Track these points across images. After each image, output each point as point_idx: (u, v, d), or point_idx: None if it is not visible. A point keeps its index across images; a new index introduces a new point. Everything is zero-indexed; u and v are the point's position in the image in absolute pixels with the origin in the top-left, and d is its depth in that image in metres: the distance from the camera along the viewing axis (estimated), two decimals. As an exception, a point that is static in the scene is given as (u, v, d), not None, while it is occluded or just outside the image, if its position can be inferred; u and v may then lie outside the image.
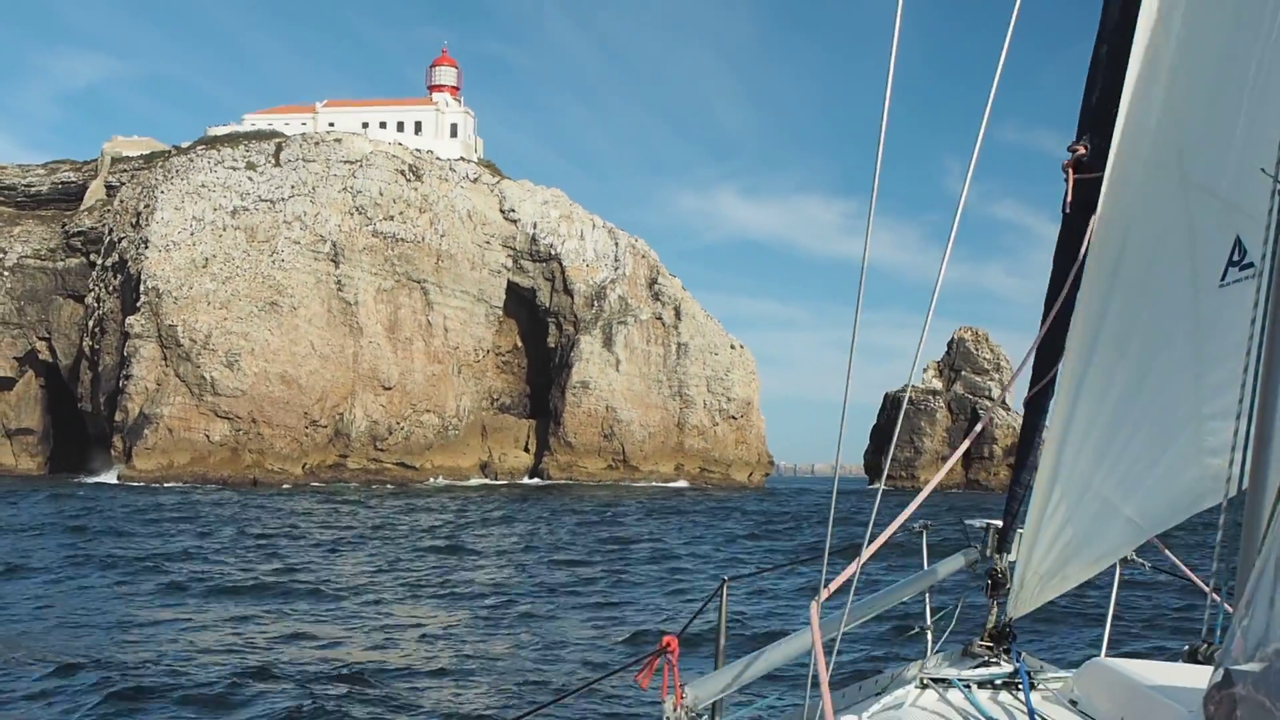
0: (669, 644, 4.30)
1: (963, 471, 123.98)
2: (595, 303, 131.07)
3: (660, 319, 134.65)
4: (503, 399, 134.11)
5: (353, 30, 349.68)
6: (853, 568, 4.47)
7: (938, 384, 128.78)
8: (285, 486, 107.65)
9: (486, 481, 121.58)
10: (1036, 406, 5.78)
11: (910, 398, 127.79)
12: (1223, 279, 4.68)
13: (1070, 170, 5.55)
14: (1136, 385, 5.16)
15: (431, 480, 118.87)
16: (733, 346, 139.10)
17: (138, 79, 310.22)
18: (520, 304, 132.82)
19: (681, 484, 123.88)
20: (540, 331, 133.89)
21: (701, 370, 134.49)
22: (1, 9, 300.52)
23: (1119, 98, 4.97)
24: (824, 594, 4.37)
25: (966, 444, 7.62)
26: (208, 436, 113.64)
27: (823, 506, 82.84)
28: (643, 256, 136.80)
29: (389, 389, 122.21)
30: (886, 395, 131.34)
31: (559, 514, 57.50)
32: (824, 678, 3.87)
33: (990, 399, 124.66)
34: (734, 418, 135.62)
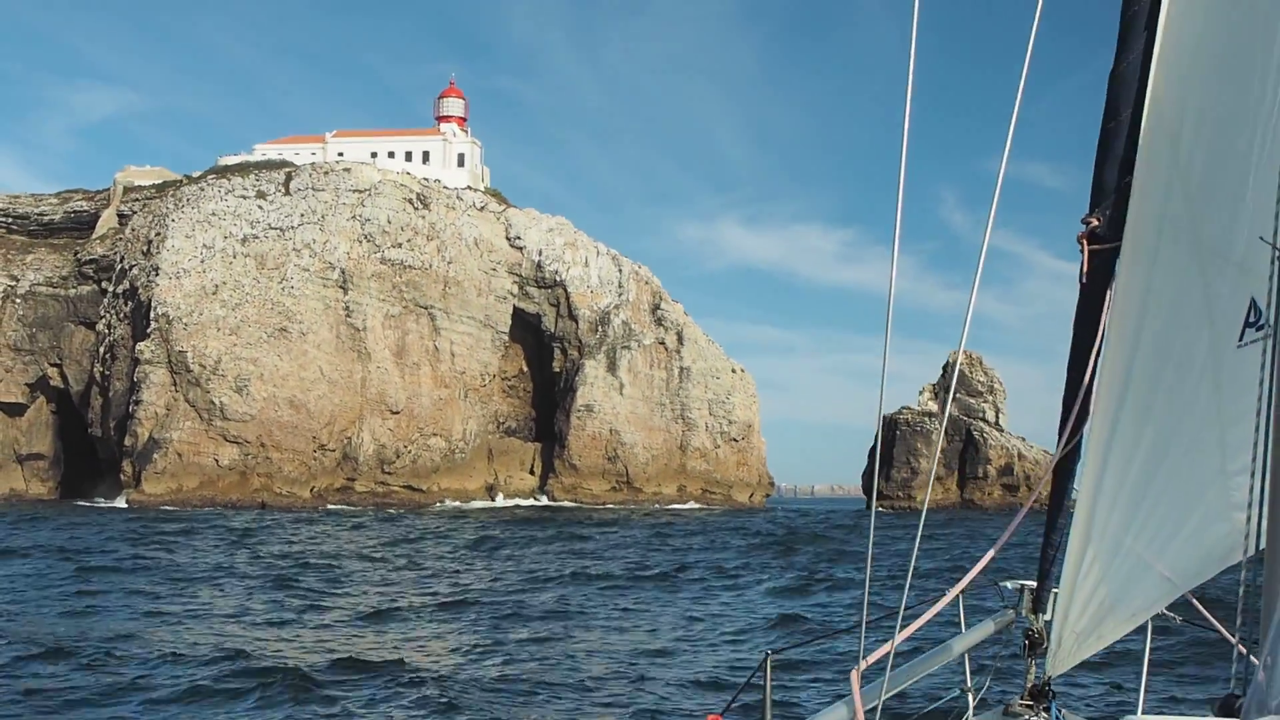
0: None
1: (958, 491, 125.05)
2: (599, 328, 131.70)
3: (663, 344, 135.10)
4: (508, 422, 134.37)
5: (363, 64, 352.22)
6: (889, 645, 4.52)
7: (933, 406, 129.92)
8: (306, 511, 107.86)
9: (491, 504, 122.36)
10: (1064, 470, 5.77)
11: (907, 420, 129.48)
12: (1240, 339, 4.78)
13: (1085, 242, 5.54)
14: (1163, 446, 5.20)
15: (439, 504, 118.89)
16: (734, 370, 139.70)
17: (152, 111, 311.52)
18: (526, 329, 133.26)
19: (691, 505, 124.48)
20: (545, 356, 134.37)
21: (703, 394, 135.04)
22: (24, 45, 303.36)
23: (1130, 170, 5.03)
24: (863, 664, 4.43)
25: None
26: (217, 461, 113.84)
27: (823, 525, 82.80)
28: (646, 283, 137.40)
29: (396, 413, 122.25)
30: (885, 418, 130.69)
31: (614, 547, 52.09)
32: None
33: (985, 421, 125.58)
34: (735, 440, 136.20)
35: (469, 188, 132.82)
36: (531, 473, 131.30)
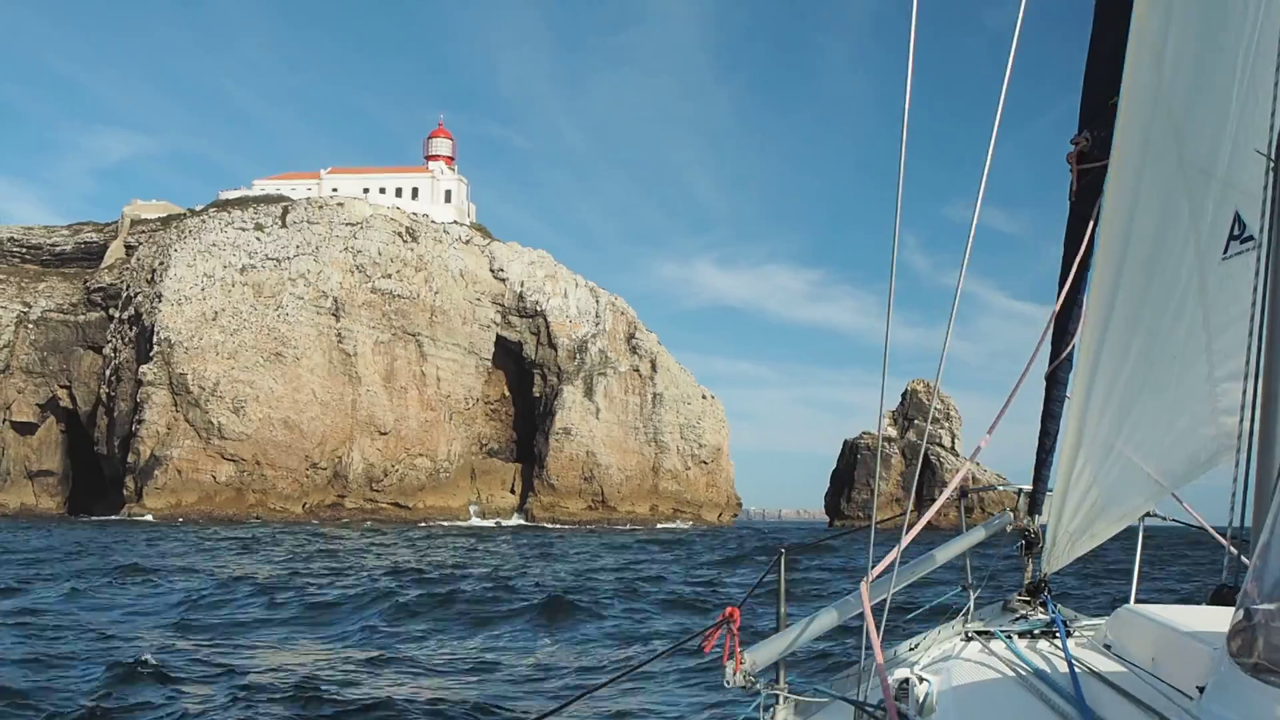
0: (731, 614, 4.39)
1: (916, 514, 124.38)
2: (577, 355, 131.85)
3: (637, 370, 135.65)
4: (491, 444, 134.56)
5: (357, 106, 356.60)
6: (893, 554, 4.55)
7: (893, 431, 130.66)
8: (303, 525, 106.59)
9: (475, 522, 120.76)
10: (1055, 379, 5.82)
11: (868, 444, 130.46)
12: (1225, 252, 4.77)
13: (1074, 162, 5.61)
14: (1151, 354, 5.22)
15: (425, 522, 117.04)
16: (704, 397, 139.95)
17: (160, 151, 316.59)
18: (508, 356, 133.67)
19: (678, 524, 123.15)
20: (526, 382, 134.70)
21: (675, 418, 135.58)
22: (50, 91, 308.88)
23: (1116, 89, 4.97)
24: (871, 574, 4.43)
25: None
26: (214, 477, 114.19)
27: (792, 537, 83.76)
28: (622, 313, 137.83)
29: (385, 434, 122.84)
30: (845, 442, 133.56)
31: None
32: (875, 638, 3.94)
33: (941, 446, 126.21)
34: (705, 463, 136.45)
35: (455, 222, 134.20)
36: (512, 491, 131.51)
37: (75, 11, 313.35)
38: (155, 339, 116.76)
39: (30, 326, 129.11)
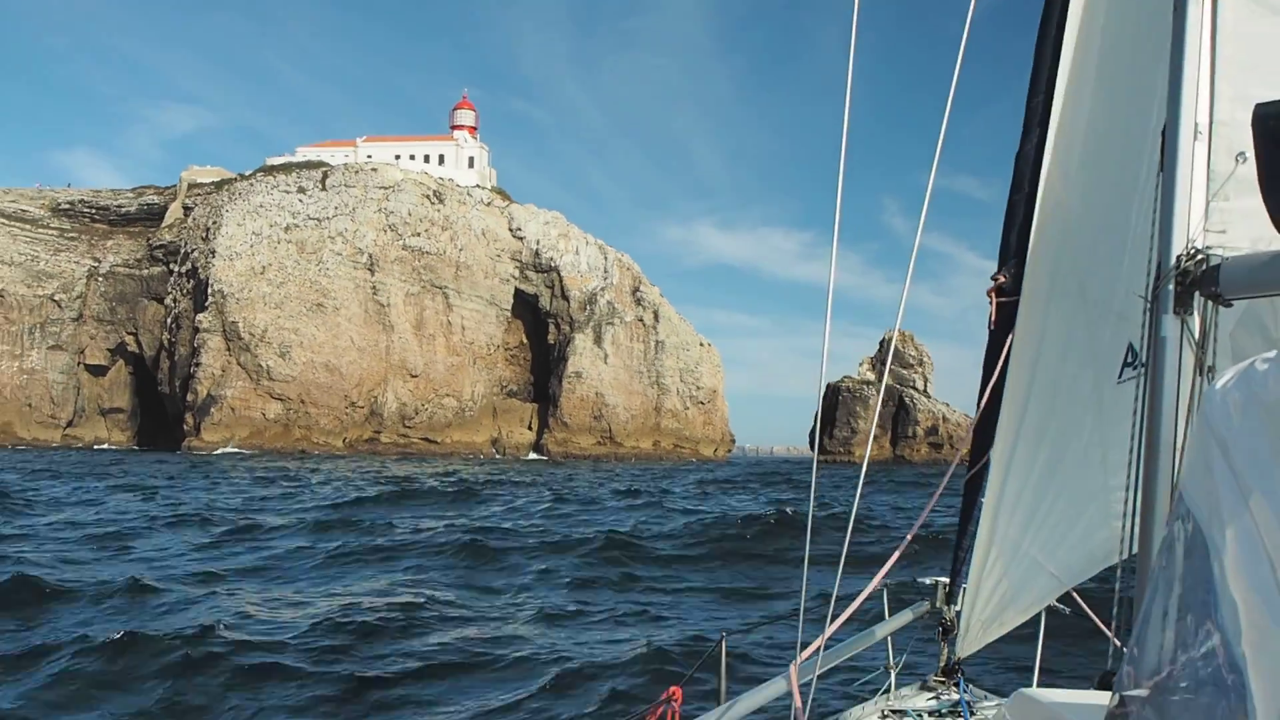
0: (674, 693, 4.49)
1: (891, 448, 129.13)
2: (587, 307, 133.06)
3: (641, 320, 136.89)
4: (510, 386, 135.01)
5: (391, 81, 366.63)
6: (820, 640, 4.58)
7: (871, 376, 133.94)
8: (348, 457, 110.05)
9: (496, 457, 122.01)
10: (972, 485, 5.81)
11: (849, 387, 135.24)
12: (1120, 377, 4.86)
13: (993, 295, 5.66)
14: (1054, 465, 5.33)
15: (456, 454, 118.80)
16: (701, 344, 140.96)
17: (217, 123, 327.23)
18: (525, 307, 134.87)
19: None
20: (542, 330, 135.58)
21: (675, 364, 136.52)
22: (122, 70, 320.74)
23: (1029, 236, 5.12)
24: (801, 656, 4.46)
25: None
26: (263, 414, 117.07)
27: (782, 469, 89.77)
28: (627, 269, 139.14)
29: (415, 377, 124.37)
30: (829, 386, 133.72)
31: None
32: (803, 716, 3.92)
33: (915, 389, 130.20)
34: (702, 403, 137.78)
35: (478, 186, 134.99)
36: (529, 429, 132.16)
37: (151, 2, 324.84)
38: (210, 291, 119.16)
39: (100, 279, 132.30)
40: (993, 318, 5.55)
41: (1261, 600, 1.92)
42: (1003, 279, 5.49)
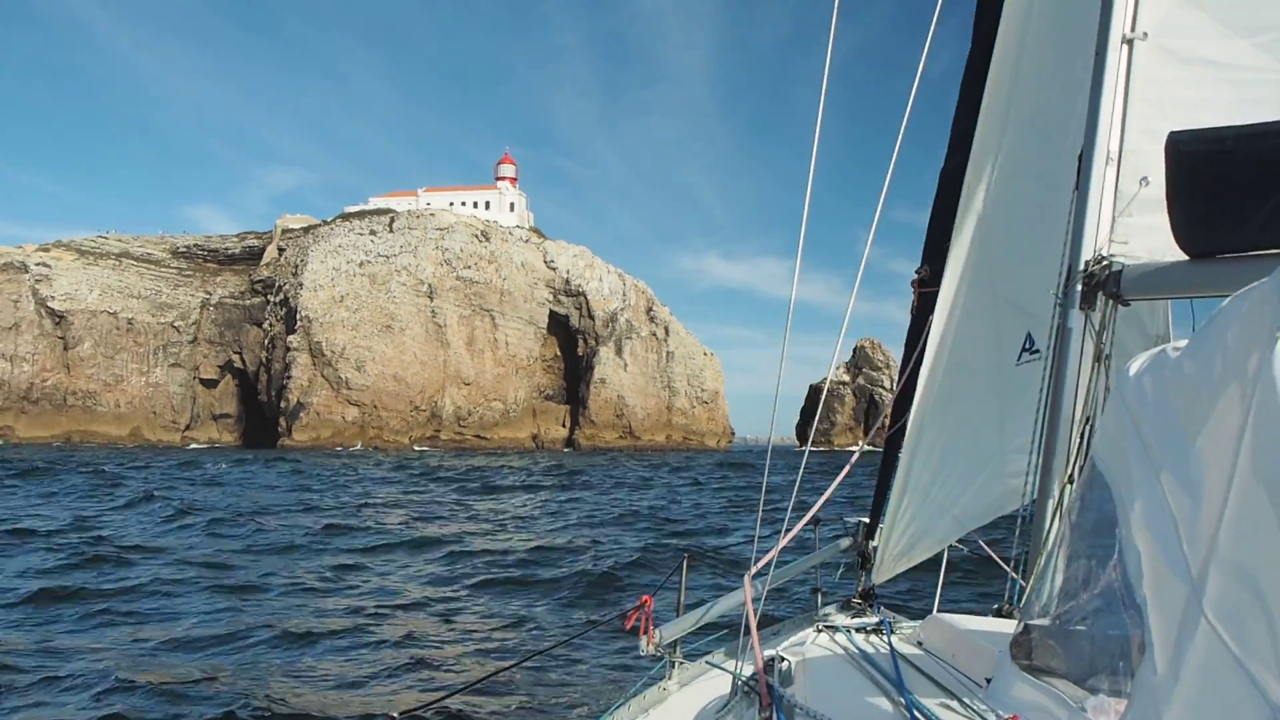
0: (646, 601, 4.63)
1: (864, 438, 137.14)
2: (610, 324, 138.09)
3: (655, 335, 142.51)
4: (547, 391, 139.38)
5: (448, 139, 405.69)
6: (771, 553, 4.65)
7: (846, 378, 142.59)
8: (411, 452, 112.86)
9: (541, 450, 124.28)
10: (892, 442, 5.96)
11: (827, 387, 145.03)
12: (1018, 361, 5.07)
13: (915, 286, 5.88)
14: (960, 429, 5.58)
15: (501, 451, 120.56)
16: (705, 353, 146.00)
17: (309, 179, 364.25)
18: (558, 326, 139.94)
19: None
20: (572, 344, 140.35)
21: (683, 370, 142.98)
22: (236, 143, 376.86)
23: (949, 238, 5.26)
24: (753, 569, 4.53)
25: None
26: (343, 418, 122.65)
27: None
28: (642, 292, 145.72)
29: (468, 385, 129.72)
30: (810, 386, 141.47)
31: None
32: (753, 624, 4.03)
33: (883, 388, 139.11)
34: (706, 403, 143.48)
35: (518, 226, 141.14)
36: (563, 426, 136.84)
37: (261, 84, 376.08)
38: (299, 316, 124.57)
39: (211, 309, 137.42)
40: (915, 305, 5.96)
41: (1163, 553, 2.04)
42: (924, 273, 5.84)
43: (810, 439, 5.76)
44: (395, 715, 3.35)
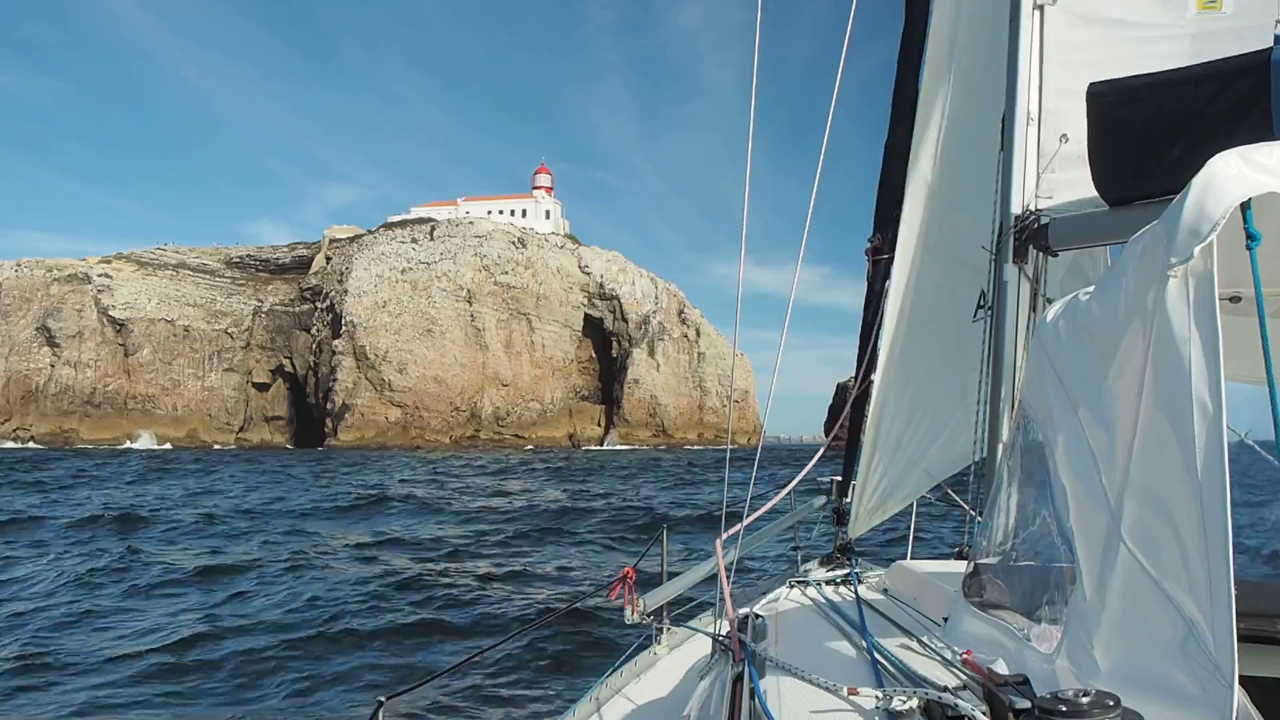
0: (628, 572, 4.66)
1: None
2: (643, 327, 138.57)
3: (686, 336, 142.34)
4: (582, 391, 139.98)
5: (487, 150, 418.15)
6: (741, 525, 4.62)
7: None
8: (457, 452, 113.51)
9: (576, 450, 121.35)
10: (859, 403, 5.99)
11: (849, 386, 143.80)
12: (975, 317, 4.97)
13: (870, 255, 5.85)
14: (924, 386, 5.68)
15: (531, 449, 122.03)
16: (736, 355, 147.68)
17: (359, 193, 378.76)
18: (593, 328, 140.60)
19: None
20: (606, 346, 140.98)
21: (714, 370, 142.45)
22: (294, 162, 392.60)
23: (900, 206, 5.41)
24: (724, 534, 4.52)
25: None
26: (386, 419, 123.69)
27: (798, 453, 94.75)
28: (674, 295, 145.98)
29: (506, 386, 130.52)
30: (838, 385, 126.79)
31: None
32: (725, 585, 4.05)
33: None
34: (737, 402, 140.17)
35: (553, 233, 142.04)
36: (599, 425, 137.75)
37: (319, 106, 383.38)
38: (344, 322, 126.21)
39: (263, 316, 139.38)
40: (870, 273, 5.95)
41: (1084, 486, 2.11)
42: (877, 241, 5.87)
43: (833, 434, 6.10)
44: (382, 699, 3.33)
